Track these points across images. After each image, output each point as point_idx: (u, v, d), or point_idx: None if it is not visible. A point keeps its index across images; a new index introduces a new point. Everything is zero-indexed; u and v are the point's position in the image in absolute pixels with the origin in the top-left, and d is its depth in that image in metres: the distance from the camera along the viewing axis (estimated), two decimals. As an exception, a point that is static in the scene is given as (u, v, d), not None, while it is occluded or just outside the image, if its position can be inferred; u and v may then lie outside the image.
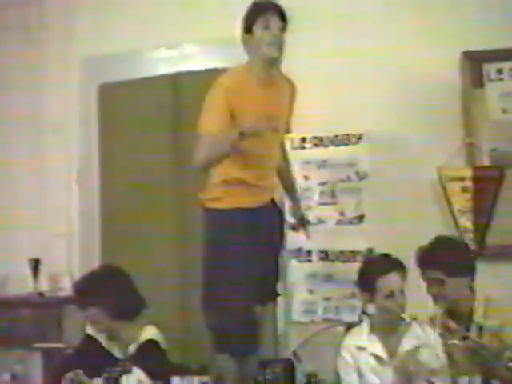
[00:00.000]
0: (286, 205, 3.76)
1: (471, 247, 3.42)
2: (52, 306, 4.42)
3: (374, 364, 3.01)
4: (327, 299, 3.98)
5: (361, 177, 3.94)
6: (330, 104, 3.93)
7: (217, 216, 3.27)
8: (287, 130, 3.51)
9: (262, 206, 3.33)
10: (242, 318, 3.16)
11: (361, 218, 3.93)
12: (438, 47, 3.85)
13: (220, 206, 3.26)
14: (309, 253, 4.01)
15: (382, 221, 3.85)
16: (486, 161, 3.82)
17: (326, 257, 3.99)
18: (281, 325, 4.06)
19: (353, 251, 3.91)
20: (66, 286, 4.49)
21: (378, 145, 3.88)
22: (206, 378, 3.07)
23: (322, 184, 4.02)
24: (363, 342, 3.06)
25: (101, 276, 3.33)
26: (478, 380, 2.73)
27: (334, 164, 4.00)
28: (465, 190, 3.78)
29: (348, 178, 3.96)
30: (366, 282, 3.10)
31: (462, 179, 3.78)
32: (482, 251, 3.69)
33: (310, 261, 4.01)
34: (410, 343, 3.01)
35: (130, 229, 4.48)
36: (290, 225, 3.72)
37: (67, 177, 4.67)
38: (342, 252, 3.95)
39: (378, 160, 3.89)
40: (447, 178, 3.80)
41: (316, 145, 4.04)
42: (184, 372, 3.11)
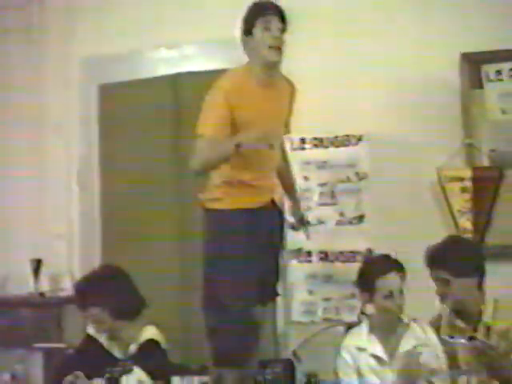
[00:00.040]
0: (286, 205, 3.77)
1: (481, 248, 3.37)
2: (52, 306, 4.42)
3: (373, 364, 3.02)
4: (327, 299, 3.97)
5: (360, 177, 3.94)
6: (329, 105, 3.93)
7: (217, 217, 3.27)
8: (287, 130, 3.51)
9: (262, 207, 3.32)
10: (242, 318, 3.16)
11: (360, 219, 3.93)
12: (438, 48, 3.86)
13: (220, 206, 3.26)
14: (309, 253, 4.01)
15: (381, 221, 3.84)
16: (485, 161, 3.83)
17: (325, 257, 3.99)
18: (281, 325, 4.05)
19: (353, 252, 3.91)
20: (67, 286, 4.49)
21: (377, 145, 3.88)
22: (205, 378, 3.08)
23: (322, 185, 4.02)
24: (363, 343, 3.06)
25: (101, 276, 3.33)
26: (475, 380, 2.75)
27: (334, 165, 4.00)
28: (464, 190, 3.78)
29: (348, 179, 3.96)
30: (366, 282, 3.11)
31: (462, 180, 3.78)
32: (482, 251, 3.70)
33: (309, 261, 4.01)
34: (410, 343, 3.01)
35: (130, 229, 4.48)
36: (290, 225, 3.73)
37: (67, 177, 4.67)
38: (342, 252, 3.95)
39: (377, 161, 3.89)
40: (447, 178, 3.80)
41: (316, 146, 4.04)
42: (184, 372, 3.12)
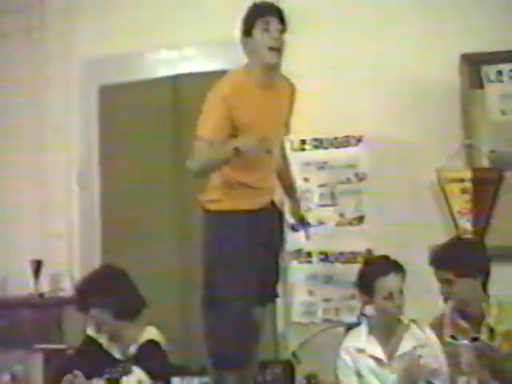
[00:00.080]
0: (286, 206, 3.77)
1: (486, 249, 3.36)
2: (52, 307, 4.42)
3: (373, 365, 3.01)
4: (327, 300, 3.97)
5: (360, 178, 3.94)
6: (329, 106, 3.93)
7: (217, 218, 3.26)
8: (287, 131, 3.51)
9: (262, 208, 3.32)
10: (241, 319, 3.16)
11: (360, 220, 3.93)
12: (438, 49, 3.86)
13: (220, 207, 3.26)
14: (309, 254, 4.01)
15: (381, 222, 3.85)
16: (485, 162, 3.82)
17: (325, 258, 3.99)
18: (280, 326, 4.06)
19: (352, 252, 3.91)
20: (67, 286, 4.50)
21: (377, 146, 3.89)
22: (205, 378, 3.08)
23: (322, 186, 4.02)
24: (362, 344, 3.06)
25: (101, 276, 3.32)
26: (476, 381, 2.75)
27: (334, 166, 4.00)
28: (464, 191, 3.78)
29: (348, 180, 3.96)
30: (365, 283, 3.11)
31: (462, 181, 3.79)
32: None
33: (309, 262, 4.01)
34: (409, 344, 3.01)
35: (129, 229, 4.48)
36: (290, 226, 3.73)
37: (67, 178, 4.68)
38: (342, 253, 3.95)
39: (377, 161, 3.90)
40: (446, 179, 3.80)
41: (316, 147, 4.04)
42: (184, 373, 3.12)
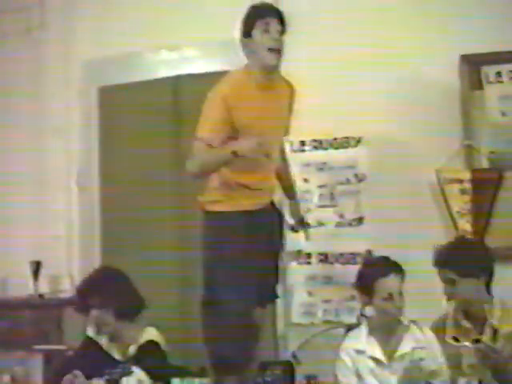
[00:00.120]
0: (285, 207, 3.77)
1: (489, 249, 3.33)
2: (52, 308, 4.41)
3: (372, 367, 3.01)
4: (327, 301, 3.98)
5: (360, 179, 3.95)
6: (329, 107, 3.92)
7: (216, 219, 3.27)
8: (286, 132, 3.51)
9: (261, 209, 3.33)
10: (241, 320, 3.16)
11: (360, 220, 3.94)
12: (438, 50, 3.85)
13: (220, 208, 3.27)
14: (308, 255, 4.01)
15: (381, 223, 3.84)
16: (484, 163, 3.82)
17: (325, 259, 4.00)
18: (280, 327, 4.06)
19: (352, 253, 3.92)
20: (66, 287, 4.50)
21: (376, 147, 3.89)
22: (206, 379, 3.08)
23: (322, 186, 4.03)
24: (362, 345, 3.06)
25: (101, 277, 3.33)
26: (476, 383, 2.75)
27: (334, 167, 4.01)
28: (464, 192, 3.78)
29: (347, 181, 3.97)
30: (365, 284, 3.11)
31: (461, 181, 3.79)
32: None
33: (309, 263, 4.02)
34: (409, 345, 3.01)
35: (130, 230, 4.48)
36: (289, 227, 3.73)
37: (67, 179, 4.67)
38: (342, 254, 3.95)
39: (376, 162, 3.89)
40: (446, 180, 3.80)
41: (315, 148, 4.04)
42: (184, 374, 3.12)
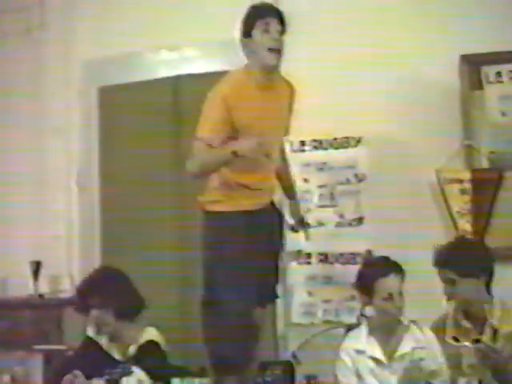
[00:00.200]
0: (285, 207, 3.77)
1: (489, 249, 3.33)
2: (52, 308, 4.41)
3: (372, 367, 3.01)
4: (327, 301, 3.98)
5: (360, 179, 3.95)
6: (329, 107, 3.92)
7: (216, 218, 3.27)
8: (286, 132, 3.51)
9: (261, 209, 3.33)
10: (241, 320, 3.16)
11: (360, 220, 3.94)
12: (438, 50, 3.85)
13: (220, 208, 3.27)
14: (308, 255, 4.01)
15: (381, 223, 3.84)
16: (484, 163, 3.82)
17: (325, 259, 4.00)
18: (280, 327, 4.06)
19: (352, 253, 3.92)
20: (66, 287, 4.50)
21: (376, 147, 3.89)
22: (205, 379, 3.08)
23: (322, 186, 4.03)
24: (362, 345, 3.06)
25: (101, 277, 3.33)
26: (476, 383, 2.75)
27: (334, 167, 4.01)
28: (463, 192, 3.78)
29: (347, 181, 3.97)
30: (365, 284, 3.11)
31: (461, 181, 3.79)
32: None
33: (309, 263, 4.02)
34: (409, 345, 3.01)
35: (130, 230, 4.48)
36: (289, 227, 3.73)
37: (67, 179, 4.68)
38: (342, 254, 3.95)
39: (376, 162, 3.89)
40: (446, 180, 3.80)
41: (315, 148, 4.05)
42: (184, 374, 3.12)
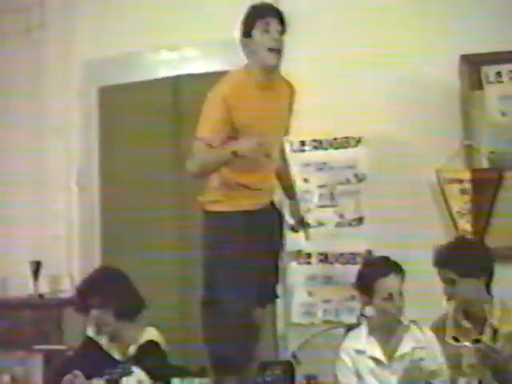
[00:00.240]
0: (285, 207, 3.77)
1: (489, 249, 3.32)
2: (52, 308, 4.41)
3: (372, 367, 3.01)
4: (327, 301, 3.98)
5: (360, 179, 3.95)
6: (329, 107, 3.92)
7: (216, 218, 3.27)
8: (287, 132, 3.51)
9: (261, 209, 3.33)
10: (241, 320, 3.16)
11: (360, 220, 3.94)
12: (438, 50, 3.85)
13: (220, 208, 3.27)
14: (308, 255, 4.01)
15: (381, 223, 3.84)
16: (484, 163, 3.82)
17: (325, 259, 4.00)
18: (280, 327, 4.06)
19: (352, 253, 3.92)
20: (66, 287, 4.50)
21: (376, 147, 3.89)
22: (205, 379, 3.08)
23: (322, 186, 4.03)
24: (362, 345, 3.06)
25: (101, 277, 3.33)
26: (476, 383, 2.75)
27: (334, 167, 4.01)
28: (463, 192, 3.79)
29: (347, 181, 3.97)
30: (365, 284, 3.11)
31: (461, 181, 3.79)
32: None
33: (309, 263, 4.02)
34: (409, 345, 3.01)
35: (130, 230, 4.48)
36: (289, 226, 3.73)
37: (67, 179, 4.68)
38: (342, 254, 3.95)
39: (376, 162, 3.90)
40: (446, 180, 3.80)
41: (315, 148, 4.05)
42: (184, 374, 3.12)
